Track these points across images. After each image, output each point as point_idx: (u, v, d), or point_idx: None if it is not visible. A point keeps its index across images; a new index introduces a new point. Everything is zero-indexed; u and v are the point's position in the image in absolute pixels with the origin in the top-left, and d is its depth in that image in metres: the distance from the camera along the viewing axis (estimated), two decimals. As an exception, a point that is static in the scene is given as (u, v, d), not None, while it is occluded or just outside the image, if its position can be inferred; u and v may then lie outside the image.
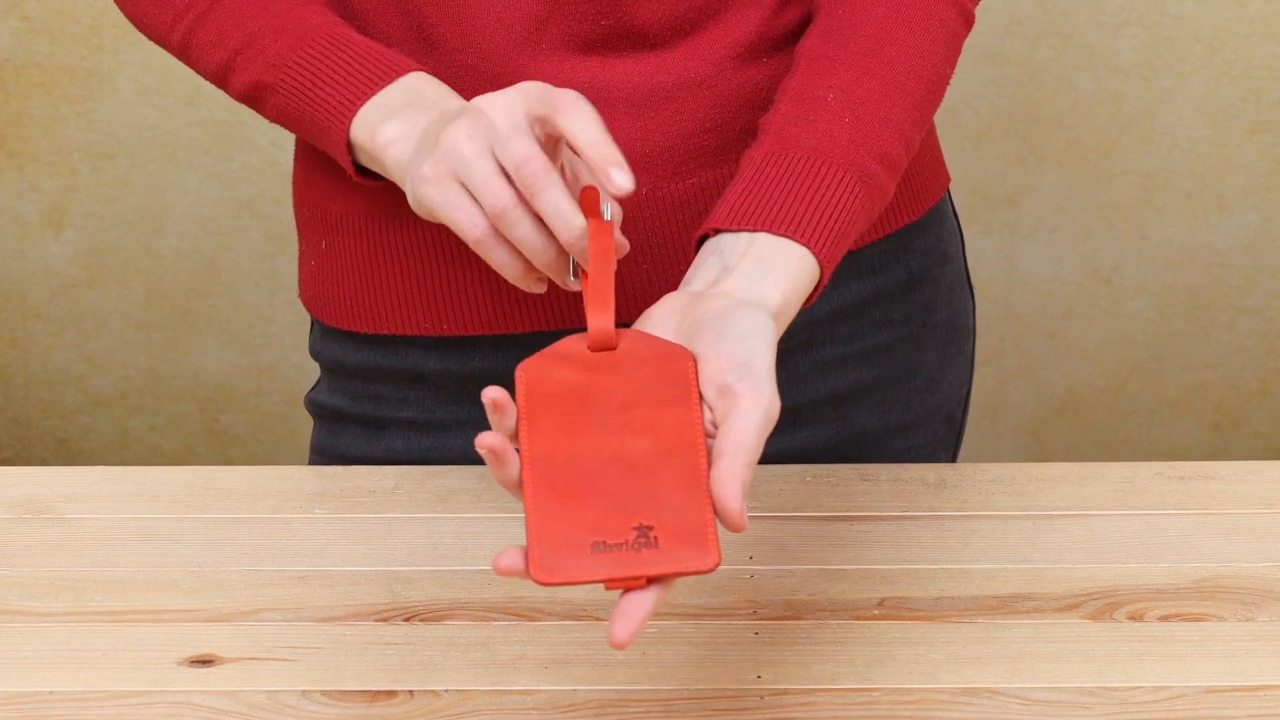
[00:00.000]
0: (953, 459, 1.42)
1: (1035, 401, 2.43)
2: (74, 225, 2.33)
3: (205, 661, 1.10)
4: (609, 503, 0.96)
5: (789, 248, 1.06)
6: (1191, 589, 1.17)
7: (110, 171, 2.30)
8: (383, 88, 1.15)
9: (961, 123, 2.27)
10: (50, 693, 1.07)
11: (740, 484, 0.95)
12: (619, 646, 0.92)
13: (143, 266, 2.36)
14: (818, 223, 1.08)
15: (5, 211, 2.32)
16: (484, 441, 0.95)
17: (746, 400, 0.97)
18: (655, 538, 0.95)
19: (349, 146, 1.16)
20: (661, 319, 1.03)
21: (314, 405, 1.38)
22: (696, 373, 1.00)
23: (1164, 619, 1.14)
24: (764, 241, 1.06)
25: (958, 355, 1.39)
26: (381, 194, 1.24)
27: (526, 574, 0.94)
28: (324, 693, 1.07)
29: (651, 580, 0.94)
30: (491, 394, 0.98)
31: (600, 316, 1.02)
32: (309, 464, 1.35)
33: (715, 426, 0.98)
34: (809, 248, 1.07)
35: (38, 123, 2.28)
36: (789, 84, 1.15)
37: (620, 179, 1.01)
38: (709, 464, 0.97)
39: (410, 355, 1.28)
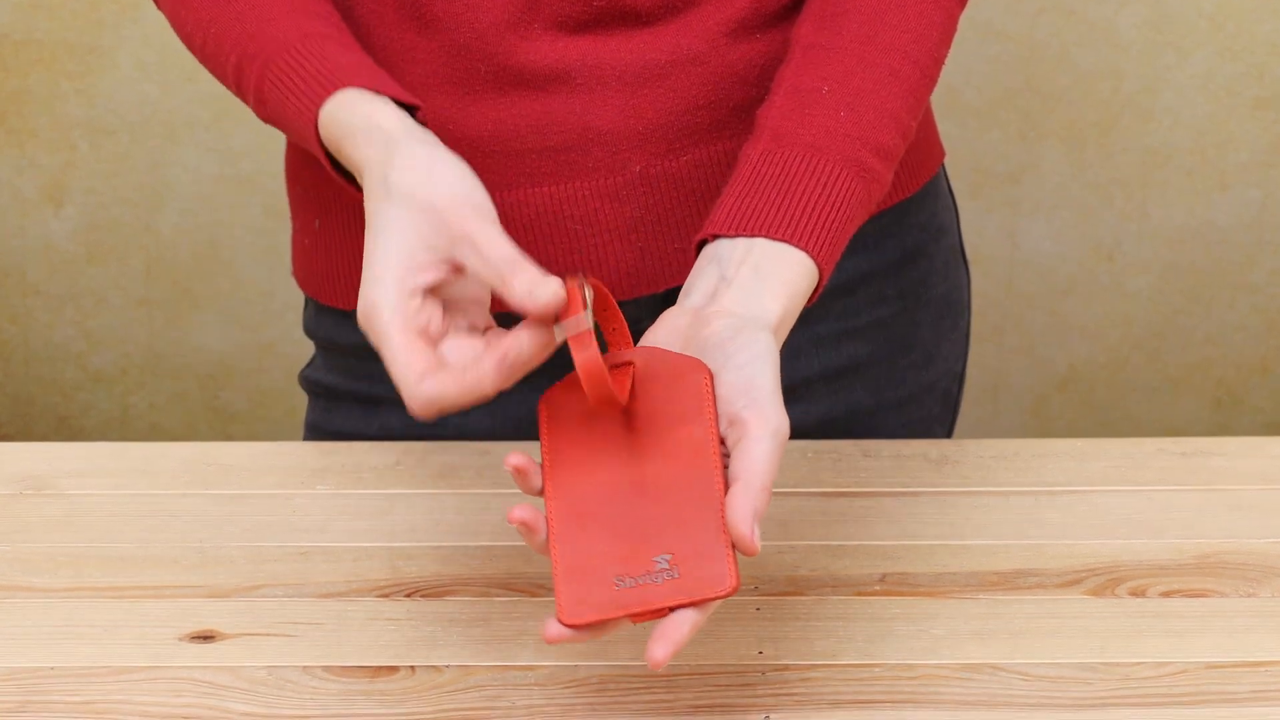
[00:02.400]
0: (948, 435, 1.42)
1: (1037, 378, 2.43)
2: (74, 202, 2.33)
3: (206, 637, 1.10)
4: (630, 535, 0.99)
5: (786, 253, 1.06)
6: (1193, 565, 1.17)
7: (110, 148, 2.30)
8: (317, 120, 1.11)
9: (963, 99, 2.27)
10: (51, 669, 1.07)
11: (750, 511, 0.97)
12: (656, 667, 0.96)
13: (143, 243, 2.35)
14: (815, 224, 1.08)
15: (5, 188, 2.32)
16: (516, 516, 0.99)
17: (754, 427, 0.99)
18: (675, 566, 0.98)
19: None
20: (664, 341, 1.04)
21: (309, 383, 1.38)
22: (712, 386, 1.01)
23: (1166, 595, 1.14)
24: (761, 248, 1.06)
25: (953, 330, 1.38)
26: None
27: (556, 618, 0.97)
28: (325, 668, 1.07)
29: (673, 609, 0.97)
30: (514, 461, 1.00)
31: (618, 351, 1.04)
32: (304, 441, 1.35)
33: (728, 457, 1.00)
34: (807, 251, 1.07)
35: (38, 99, 2.28)
36: (784, 75, 1.14)
37: (543, 294, 1.00)
38: (725, 484, 0.99)
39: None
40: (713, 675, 1.06)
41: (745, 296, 1.05)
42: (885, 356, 1.33)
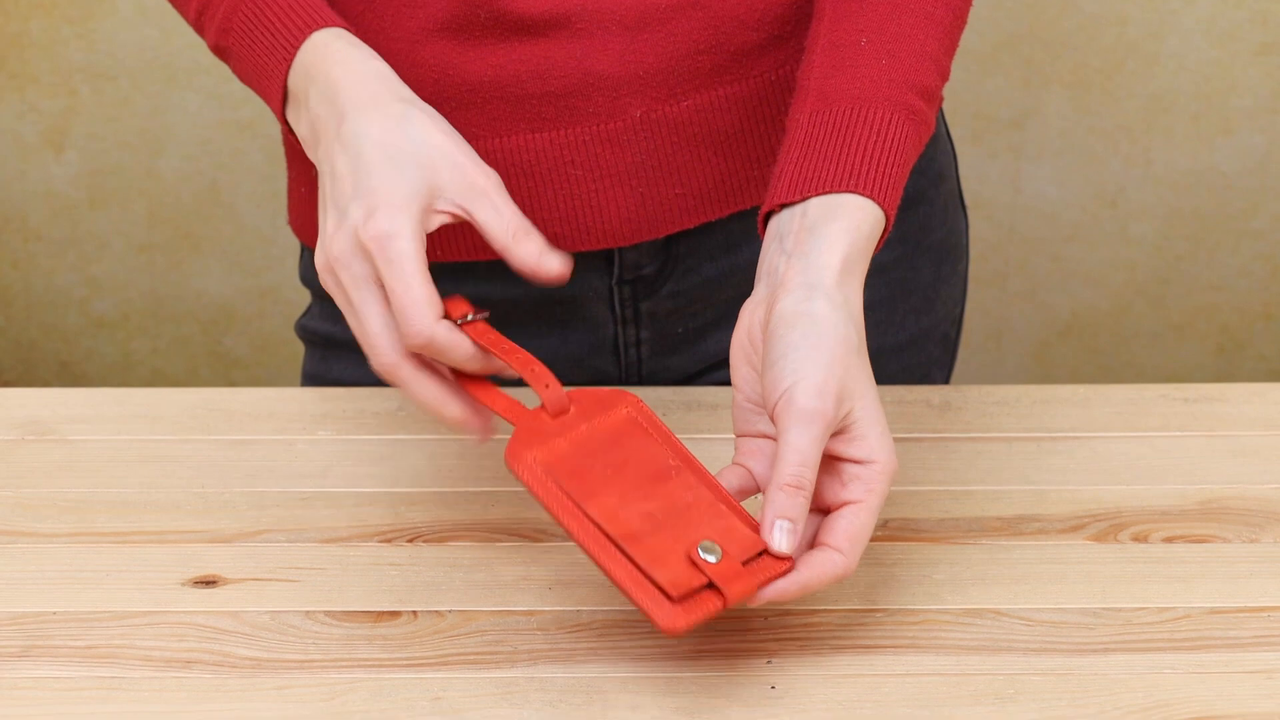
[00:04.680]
0: (946, 379, 1.42)
1: (1039, 325, 2.43)
2: (75, 147, 2.32)
3: (209, 582, 1.10)
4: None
5: (844, 201, 1.07)
6: (1196, 510, 1.17)
7: (111, 93, 2.29)
8: (294, 54, 1.14)
9: (966, 45, 2.26)
10: (54, 613, 1.08)
11: (770, 517, 1.00)
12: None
13: (144, 188, 2.35)
14: (871, 169, 1.08)
15: (6, 133, 2.31)
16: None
17: (780, 423, 1.01)
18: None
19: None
20: (746, 341, 1.06)
21: (305, 331, 1.38)
22: (640, 410, 1.06)
23: (1168, 540, 1.14)
24: (819, 206, 1.07)
25: (952, 275, 1.38)
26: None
27: (659, 629, 0.98)
28: (327, 613, 1.08)
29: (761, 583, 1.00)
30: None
31: (550, 388, 1.06)
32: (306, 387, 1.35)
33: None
34: (865, 194, 1.06)
35: (38, 44, 2.27)
36: (818, 31, 1.14)
37: (552, 265, 1.07)
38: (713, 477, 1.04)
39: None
40: (714, 621, 1.06)
41: (805, 265, 1.05)
42: (886, 301, 1.33)
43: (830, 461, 1.03)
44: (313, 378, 1.37)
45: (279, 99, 1.14)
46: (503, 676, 1.02)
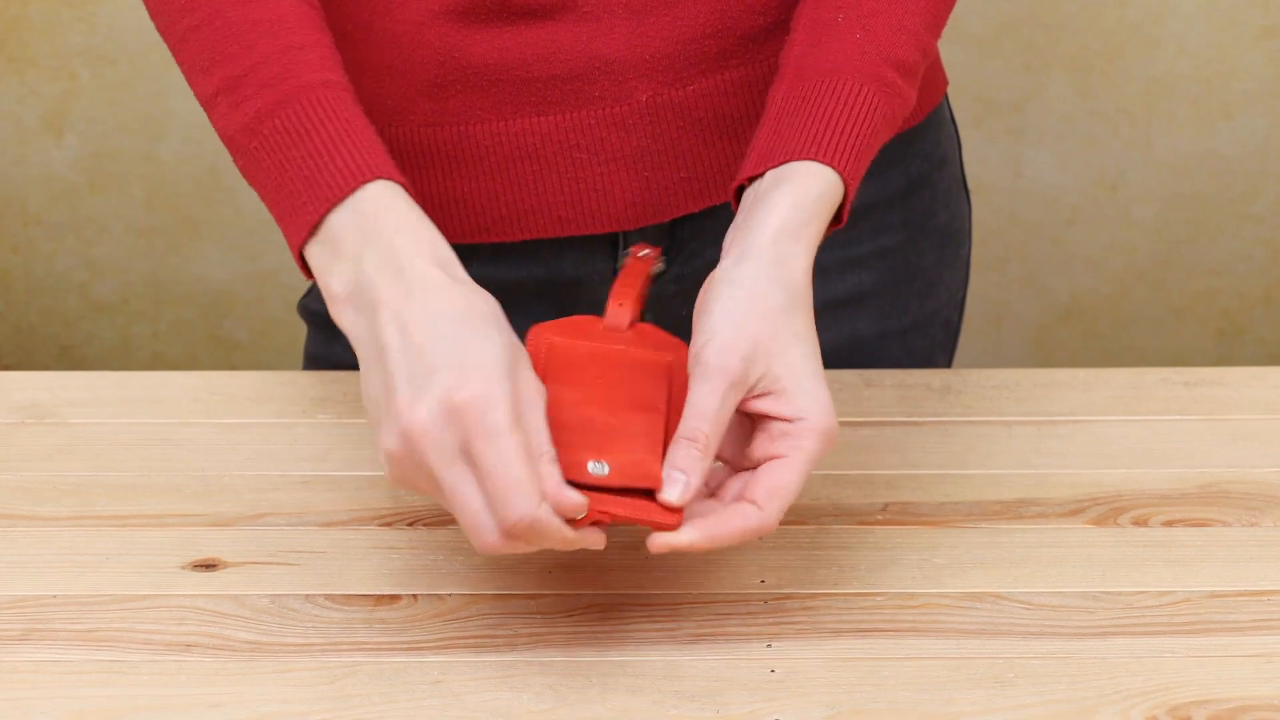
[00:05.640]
0: (949, 364, 1.42)
1: (1039, 308, 2.43)
2: (75, 130, 2.32)
3: (209, 566, 1.10)
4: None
5: (799, 168, 1.07)
6: (1196, 494, 1.17)
7: (111, 76, 2.29)
8: (344, 196, 1.03)
9: (966, 28, 2.26)
10: (54, 596, 1.08)
11: (668, 468, 1.00)
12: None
13: (144, 172, 2.35)
14: (833, 136, 1.08)
15: (6, 117, 2.31)
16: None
17: (691, 381, 1.02)
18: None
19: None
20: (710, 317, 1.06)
21: (308, 313, 1.38)
22: (682, 365, 1.04)
23: (1168, 524, 1.14)
24: (774, 175, 1.07)
25: (955, 259, 1.38)
26: (375, 101, 1.23)
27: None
28: (328, 597, 1.08)
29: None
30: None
31: (622, 307, 1.09)
32: (306, 371, 1.35)
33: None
34: (822, 160, 1.06)
35: (37, 27, 2.27)
36: (801, 11, 1.15)
37: (569, 501, 0.97)
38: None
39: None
40: (714, 604, 1.06)
41: (745, 233, 1.06)
42: (889, 286, 1.33)
43: (761, 420, 1.03)
44: (315, 359, 1.36)
45: (304, 231, 1.04)
46: (503, 660, 1.03)
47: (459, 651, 1.03)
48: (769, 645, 1.04)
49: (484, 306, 1.00)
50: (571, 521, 0.97)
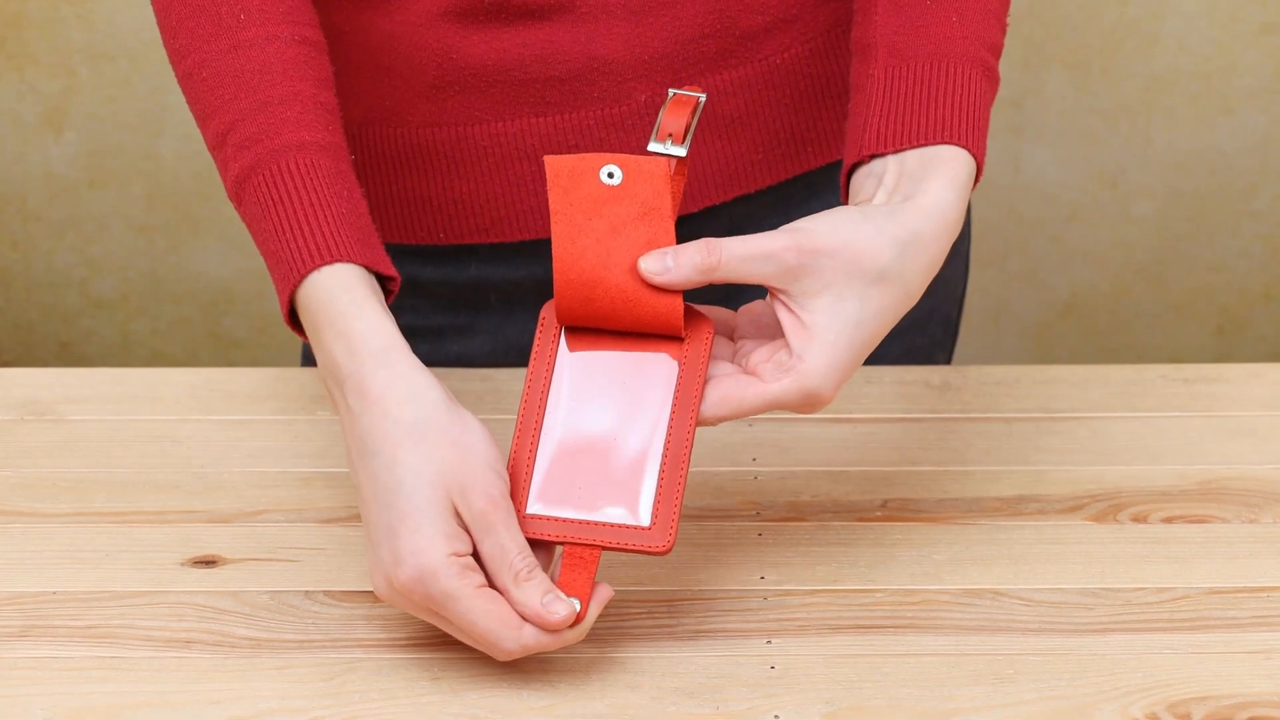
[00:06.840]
0: (948, 360, 1.42)
1: (1038, 305, 2.43)
2: (74, 127, 2.32)
3: (208, 562, 1.10)
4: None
5: (942, 152, 1.06)
6: (1195, 491, 1.17)
7: (110, 73, 2.29)
8: (316, 266, 1.03)
9: (966, 24, 2.25)
10: (54, 593, 1.08)
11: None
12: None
13: (143, 169, 2.35)
14: (962, 122, 1.07)
15: (5, 114, 2.31)
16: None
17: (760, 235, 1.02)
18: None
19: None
20: (829, 227, 1.03)
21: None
22: (701, 349, 1.03)
23: (1168, 521, 1.14)
24: (916, 156, 1.06)
25: (954, 256, 1.38)
26: (376, 102, 1.23)
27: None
28: (327, 593, 1.08)
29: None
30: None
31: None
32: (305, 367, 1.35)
33: None
34: (962, 145, 1.06)
35: (36, 24, 2.27)
36: None
37: (558, 611, 0.99)
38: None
39: (406, 263, 1.27)
40: (714, 600, 1.06)
41: (916, 205, 1.04)
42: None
43: (776, 334, 1.04)
44: (314, 357, 1.36)
45: (285, 305, 1.05)
46: (502, 656, 1.02)
47: (458, 648, 1.02)
48: (768, 642, 1.04)
49: (412, 420, 1.00)
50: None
